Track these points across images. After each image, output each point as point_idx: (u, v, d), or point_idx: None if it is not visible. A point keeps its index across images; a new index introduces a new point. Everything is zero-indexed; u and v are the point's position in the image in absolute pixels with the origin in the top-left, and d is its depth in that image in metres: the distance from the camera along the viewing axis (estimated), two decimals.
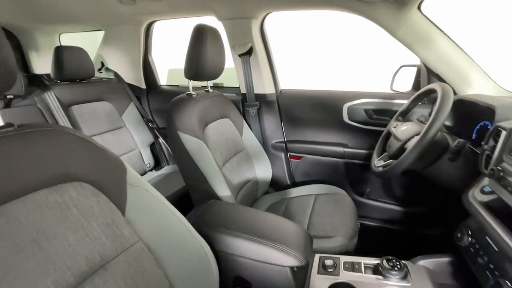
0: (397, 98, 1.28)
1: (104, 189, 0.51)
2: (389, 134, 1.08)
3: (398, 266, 0.72)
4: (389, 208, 1.40)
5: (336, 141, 1.43)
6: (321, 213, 1.14)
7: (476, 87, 1.06)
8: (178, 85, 1.82)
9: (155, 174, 1.70)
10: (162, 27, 1.80)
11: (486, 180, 0.69)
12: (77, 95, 1.45)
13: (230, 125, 1.29)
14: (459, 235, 0.68)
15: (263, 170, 1.37)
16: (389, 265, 0.73)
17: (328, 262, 0.82)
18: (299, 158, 1.53)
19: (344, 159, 1.42)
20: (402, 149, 0.89)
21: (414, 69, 1.32)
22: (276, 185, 1.55)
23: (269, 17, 1.33)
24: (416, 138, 0.84)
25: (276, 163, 1.54)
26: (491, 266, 0.56)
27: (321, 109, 1.42)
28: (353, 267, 0.78)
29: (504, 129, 0.61)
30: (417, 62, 1.29)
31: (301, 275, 0.76)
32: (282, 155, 1.54)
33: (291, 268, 0.71)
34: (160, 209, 0.60)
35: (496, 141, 0.65)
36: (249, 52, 1.33)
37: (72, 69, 1.41)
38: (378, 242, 1.39)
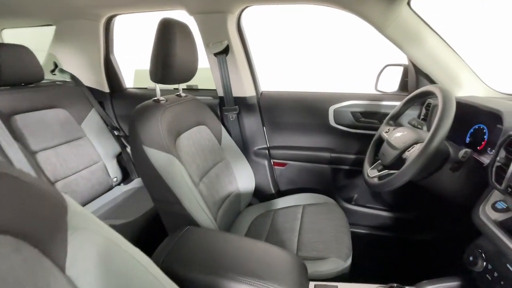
0: (385, 100, 1.21)
1: (33, 240, 0.35)
2: (380, 140, 1.00)
3: None
4: (377, 214, 1.34)
5: (322, 146, 1.34)
6: (311, 228, 1.04)
7: (467, 88, 1.01)
8: (147, 88, 1.63)
9: (123, 189, 1.51)
10: (127, 22, 1.60)
11: (497, 195, 0.62)
12: (22, 102, 1.22)
13: (207, 132, 1.15)
14: (471, 258, 0.61)
15: (245, 180, 1.24)
16: None
17: None
18: (284, 165, 1.42)
19: (330, 165, 1.34)
20: (399, 159, 0.81)
21: (400, 69, 1.26)
22: (260, 195, 1.43)
23: (247, 12, 1.20)
24: (416, 148, 0.76)
25: (259, 171, 1.42)
26: None
27: (306, 112, 1.32)
28: None
29: None
30: (403, 61, 1.24)
31: None
32: (265, 162, 1.42)
33: None
34: (116, 256, 0.45)
35: (509, 152, 0.57)
36: (226, 50, 1.19)
37: (14, 71, 1.18)
38: (369, 251, 1.32)
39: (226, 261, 0.64)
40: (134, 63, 2.19)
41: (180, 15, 1.10)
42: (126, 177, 1.59)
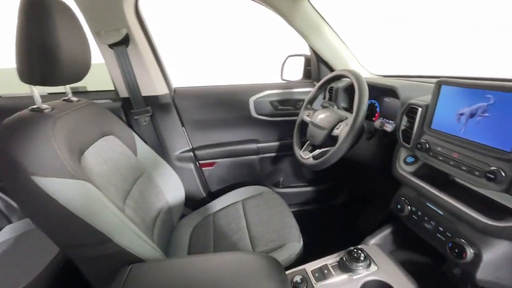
0: (296, 88, 1.32)
1: None
2: (303, 123, 1.09)
3: (362, 257, 0.71)
4: (302, 191, 1.48)
5: (248, 138, 1.34)
6: (257, 221, 1.03)
7: None
8: (16, 95, 1.14)
9: None
10: None
11: (404, 152, 0.78)
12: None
13: (117, 143, 0.92)
14: (398, 206, 0.75)
15: (173, 191, 1.09)
16: (353, 258, 0.72)
17: (297, 279, 0.73)
18: (212, 164, 1.34)
19: (258, 155, 1.36)
20: (329, 137, 0.90)
21: (302, 59, 1.41)
22: (191, 203, 1.30)
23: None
24: (343, 125, 0.86)
25: (186, 177, 1.28)
26: (441, 229, 0.64)
27: (227, 106, 1.27)
28: (323, 274, 0.72)
29: (419, 106, 0.69)
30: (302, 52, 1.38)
31: None
32: (191, 165, 1.30)
33: None
34: None
35: (409, 117, 0.73)
36: (125, 41, 0.97)
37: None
38: (307, 225, 1.45)
39: None
40: None
41: None
42: None
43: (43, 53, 0.61)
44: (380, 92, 1.02)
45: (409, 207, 0.73)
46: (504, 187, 0.49)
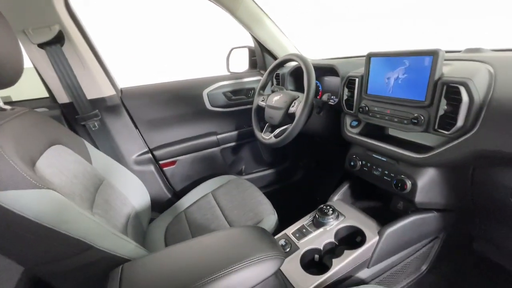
0: (245, 77, 1.39)
1: None
2: (259, 108, 1.17)
3: (330, 211, 0.83)
4: (264, 174, 1.57)
5: (207, 131, 1.36)
6: (232, 206, 1.07)
7: None
8: None
9: None
10: None
11: (349, 118, 0.93)
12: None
13: (69, 153, 0.84)
14: (351, 163, 0.90)
15: (138, 196, 1.04)
16: (323, 213, 0.83)
17: (282, 242, 0.80)
18: (173, 163, 1.31)
19: (219, 146, 1.39)
20: (287, 115, 0.99)
21: (246, 50, 1.49)
22: (158, 206, 1.25)
23: None
24: (297, 103, 0.97)
25: (148, 180, 1.23)
26: (386, 172, 0.79)
27: (181, 102, 1.26)
28: (302, 233, 0.82)
29: (356, 77, 0.84)
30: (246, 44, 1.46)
31: (278, 273, 0.69)
32: (151, 167, 1.25)
33: (275, 271, 0.62)
34: None
35: (350, 88, 0.88)
36: (59, 40, 0.88)
37: None
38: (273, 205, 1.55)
39: (203, 266, 0.56)
40: None
41: None
42: None
43: None
44: (320, 72, 1.16)
45: (359, 162, 0.88)
46: (424, 128, 0.66)
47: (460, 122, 0.59)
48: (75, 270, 0.63)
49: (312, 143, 1.51)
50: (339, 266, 0.69)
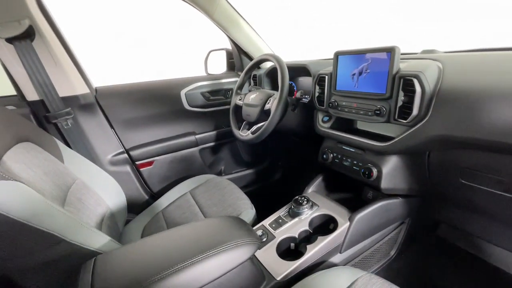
0: (224, 78, 1.42)
1: None
2: (237, 107, 1.19)
3: (305, 201, 0.87)
4: (243, 174, 1.59)
5: (185, 131, 1.36)
6: (211, 203, 1.08)
7: None
8: None
9: None
10: None
11: (321, 114, 0.98)
12: None
13: (38, 150, 0.81)
14: (324, 156, 0.94)
15: (113, 197, 1.02)
16: (298, 204, 0.86)
17: (259, 232, 0.82)
18: (150, 164, 1.30)
19: (198, 146, 1.40)
20: (263, 112, 1.03)
21: (223, 52, 1.52)
22: (135, 207, 1.22)
23: None
24: (271, 100, 1.01)
25: (124, 181, 1.21)
26: (355, 162, 0.84)
27: (158, 102, 1.26)
28: (278, 223, 0.84)
29: (326, 75, 0.89)
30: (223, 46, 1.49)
31: (254, 260, 0.70)
32: (127, 168, 1.23)
33: (250, 257, 0.64)
34: None
35: (321, 86, 0.93)
36: (29, 35, 0.86)
37: None
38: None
39: (179, 253, 0.56)
40: None
41: None
42: None
43: None
44: (295, 73, 1.22)
45: (331, 154, 0.93)
46: (386, 118, 0.72)
47: (415, 111, 0.65)
48: (46, 265, 0.61)
49: (290, 143, 1.56)
50: (313, 251, 0.72)
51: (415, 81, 0.64)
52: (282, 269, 0.69)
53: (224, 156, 1.54)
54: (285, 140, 1.59)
